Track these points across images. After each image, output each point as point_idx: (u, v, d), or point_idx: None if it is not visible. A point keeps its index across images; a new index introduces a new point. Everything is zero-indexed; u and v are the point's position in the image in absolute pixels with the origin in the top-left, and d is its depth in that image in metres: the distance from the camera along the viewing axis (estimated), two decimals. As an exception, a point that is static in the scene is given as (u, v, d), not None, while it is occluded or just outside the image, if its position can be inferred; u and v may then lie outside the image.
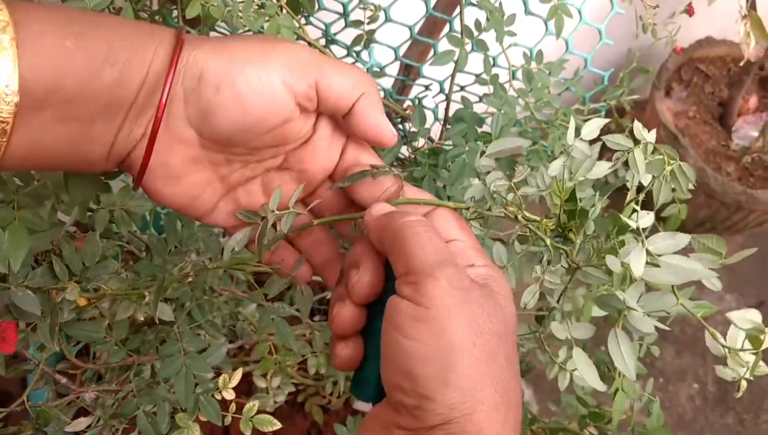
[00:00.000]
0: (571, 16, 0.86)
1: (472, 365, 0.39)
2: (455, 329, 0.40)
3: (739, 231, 2.06)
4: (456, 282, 0.41)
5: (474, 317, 0.41)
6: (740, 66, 1.89)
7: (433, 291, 0.41)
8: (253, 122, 0.45)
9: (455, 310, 0.40)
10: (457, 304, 0.41)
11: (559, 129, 0.86)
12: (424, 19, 0.96)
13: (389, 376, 0.41)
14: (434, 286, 0.41)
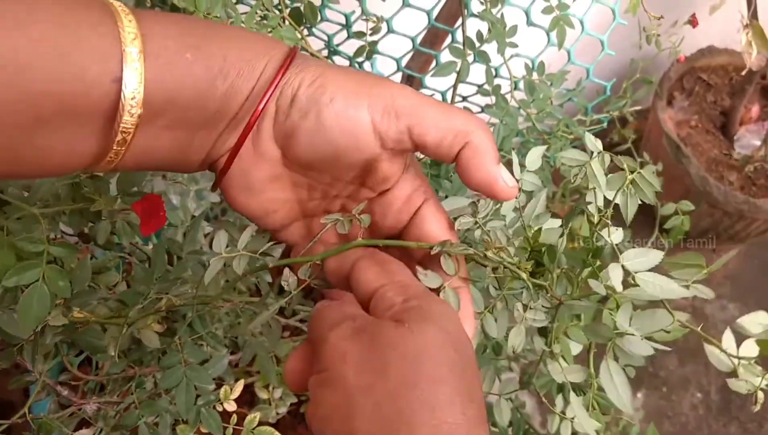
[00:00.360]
0: (573, 26, 0.86)
1: (373, 411, 0.35)
2: (348, 378, 0.37)
3: (742, 240, 2.05)
4: (346, 333, 0.39)
5: (369, 357, 0.37)
6: (742, 75, 1.89)
7: (325, 353, 0.39)
8: (333, 153, 0.44)
9: (347, 359, 0.38)
10: (349, 351, 0.38)
11: (561, 140, 0.86)
12: (426, 30, 0.96)
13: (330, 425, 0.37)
14: (325, 348, 0.39)
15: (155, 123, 0.40)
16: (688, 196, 1.86)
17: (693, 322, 0.49)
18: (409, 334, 0.38)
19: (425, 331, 0.38)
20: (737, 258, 2.16)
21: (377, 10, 0.88)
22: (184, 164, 0.45)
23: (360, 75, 0.44)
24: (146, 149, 0.41)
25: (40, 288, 0.53)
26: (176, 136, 0.41)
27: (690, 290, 0.45)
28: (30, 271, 0.52)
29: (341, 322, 0.40)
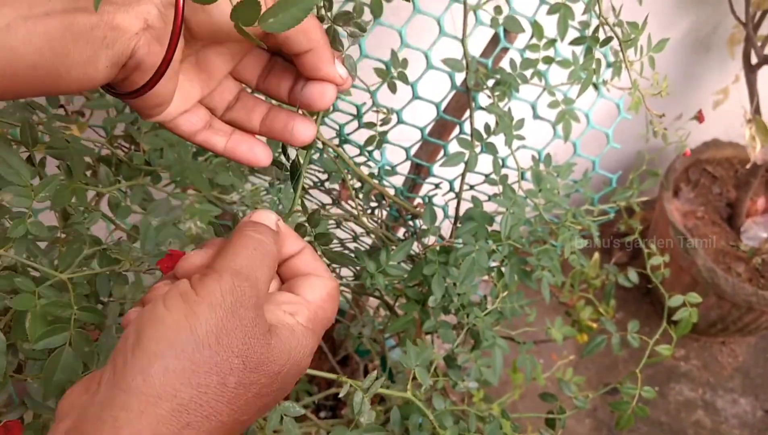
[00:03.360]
0: (579, 120, 0.88)
1: (194, 360, 0.38)
2: (203, 319, 0.39)
3: (752, 332, 2.03)
4: (240, 292, 0.41)
5: (228, 328, 0.39)
6: (747, 168, 1.92)
7: (211, 286, 0.40)
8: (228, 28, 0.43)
9: (215, 309, 0.39)
10: (223, 305, 0.39)
11: (569, 230, 0.86)
12: (434, 121, 0.99)
13: (131, 327, 0.40)
14: (217, 281, 0.40)
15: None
16: (696, 287, 1.85)
17: (705, 417, 0.49)
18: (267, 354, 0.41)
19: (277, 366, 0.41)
20: (748, 351, 2.13)
21: (388, 102, 0.90)
22: (67, 65, 0.39)
23: None
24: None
25: (66, 352, 0.53)
26: (40, 24, 0.37)
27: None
28: (58, 335, 0.53)
29: (243, 274, 0.42)
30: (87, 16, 0.38)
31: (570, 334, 1.02)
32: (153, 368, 0.37)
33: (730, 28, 1.86)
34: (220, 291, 0.40)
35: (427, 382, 0.75)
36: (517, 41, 0.92)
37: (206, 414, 0.38)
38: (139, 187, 0.72)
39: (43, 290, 0.55)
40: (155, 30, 0.41)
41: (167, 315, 0.39)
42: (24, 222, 0.54)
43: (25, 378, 0.60)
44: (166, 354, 0.37)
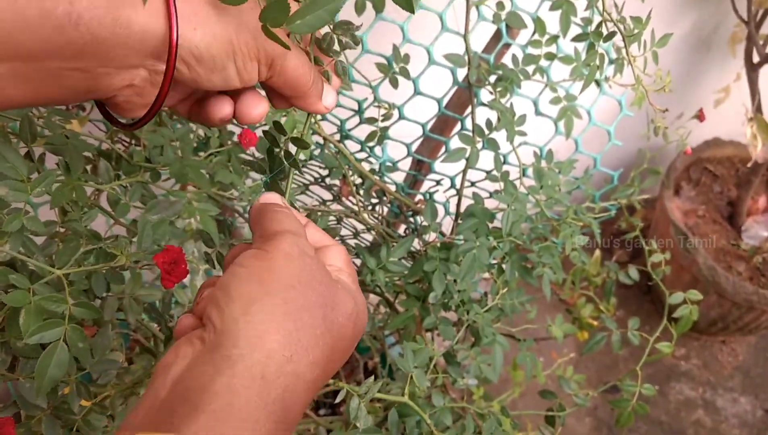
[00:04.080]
0: (581, 117, 0.88)
1: (286, 299, 0.42)
2: (283, 267, 0.43)
3: (752, 331, 2.03)
4: (300, 244, 0.45)
5: (305, 272, 0.44)
6: (748, 167, 1.92)
7: (276, 241, 0.44)
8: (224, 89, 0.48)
9: (290, 258, 0.44)
10: (294, 254, 0.44)
11: (570, 227, 0.86)
12: (436, 117, 0.98)
13: (212, 291, 0.43)
14: (280, 239, 0.45)
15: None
16: (696, 285, 1.85)
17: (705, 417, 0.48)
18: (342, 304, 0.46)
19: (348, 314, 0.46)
20: (748, 350, 2.13)
21: (389, 98, 0.90)
22: (51, 101, 0.43)
23: (245, 19, 0.45)
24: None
25: (60, 348, 0.53)
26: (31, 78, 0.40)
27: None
28: (52, 330, 0.53)
29: (295, 230, 0.47)
30: (77, 73, 0.41)
31: (570, 331, 1.02)
32: (252, 310, 0.40)
33: (731, 26, 1.85)
34: (287, 245, 0.44)
35: (425, 385, 0.74)
36: (519, 37, 0.92)
37: (305, 346, 0.41)
38: (139, 184, 0.72)
39: (38, 287, 0.55)
40: (139, 87, 0.44)
41: (249, 271, 0.43)
42: (20, 217, 0.54)
43: (17, 377, 0.60)
44: (260, 298, 0.41)
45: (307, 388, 0.41)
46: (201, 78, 0.45)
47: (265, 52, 0.46)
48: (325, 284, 0.45)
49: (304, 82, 0.50)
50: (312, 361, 0.41)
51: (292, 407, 0.40)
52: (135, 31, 0.40)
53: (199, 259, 0.92)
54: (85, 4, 0.38)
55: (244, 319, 0.40)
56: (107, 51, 0.40)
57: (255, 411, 0.38)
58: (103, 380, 0.65)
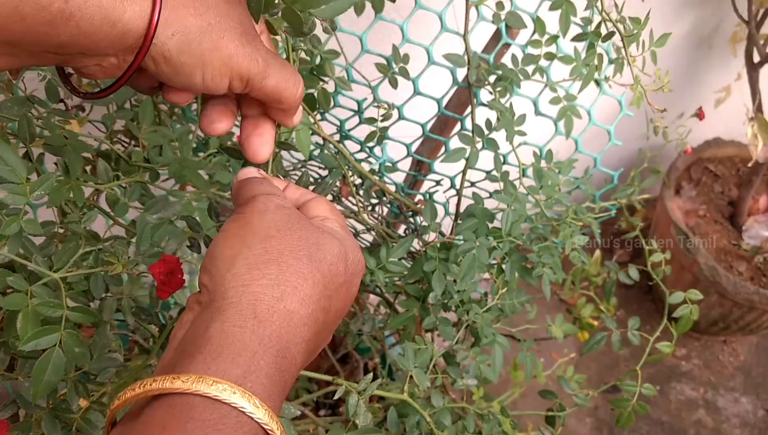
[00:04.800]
0: (581, 117, 0.88)
1: (266, 248, 0.44)
2: (258, 221, 0.45)
3: (753, 331, 2.03)
4: (275, 200, 0.48)
5: (282, 221, 0.46)
6: (749, 166, 1.91)
7: (251, 204, 0.47)
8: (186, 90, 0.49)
9: (264, 212, 0.46)
10: (268, 209, 0.46)
11: (570, 227, 0.86)
12: (436, 117, 0.98)
13: (203, 261, 0.46)
14: (253, 201, 0.47)
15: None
16: (697, 285, 1.85)
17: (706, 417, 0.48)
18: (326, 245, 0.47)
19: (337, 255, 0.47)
20: (749, 350, 2.12)
21: (389, 98, 0.90)
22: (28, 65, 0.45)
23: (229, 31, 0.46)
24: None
25: (56, 353, 0.53)
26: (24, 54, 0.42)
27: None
28: (48, 336, 0.53)
29: (269, 191, 0.49)
30: (56, 57, 0.43)
31: (571, 331, 1.02)
32: (235, 264, 0.43)
33: (732, 26, 1.85)
34: (261, 203, 0.47)
35: (425, 384, 0.74)
36: (519, 37, 0.92)
37: (293, 284, 0.43)
38: (138, 184, 0.72)
39: (36, 289, 0.55)
40: (106, 68, 0.46)
41: (228, 232, 0.45)
42: (18, 219, 0.54)
43: (16, 377, 0.60)
44: (241, 251, 0.43)
45: (303, 323, 0.43)
46: (164, 76, 0.46)
47: (240, 73, 0.47)
48: (304, 228, 0.46)
49: (289, 96, 0.51)
50: (303, 298, 0.43)
51: (290, 340, 0.42)
52: (118, 29, 0.42)
53: (199, 261, 0.92)
54: (80, 3, 0.39)
55: (230, 274, 0.43)
56: (89, 44, 0.42)
57: (251, 344, 0.39)
58: (103, 378, 0.65)
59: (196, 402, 0.36)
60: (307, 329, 0.43)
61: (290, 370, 0.42)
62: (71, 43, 0.41)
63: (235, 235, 0.45)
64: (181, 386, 0.36)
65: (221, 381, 0.37)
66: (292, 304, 0.42)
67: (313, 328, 0.43)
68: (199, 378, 0.37)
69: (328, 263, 0.46)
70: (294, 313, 0.42)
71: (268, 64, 0.49)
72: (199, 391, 0.36)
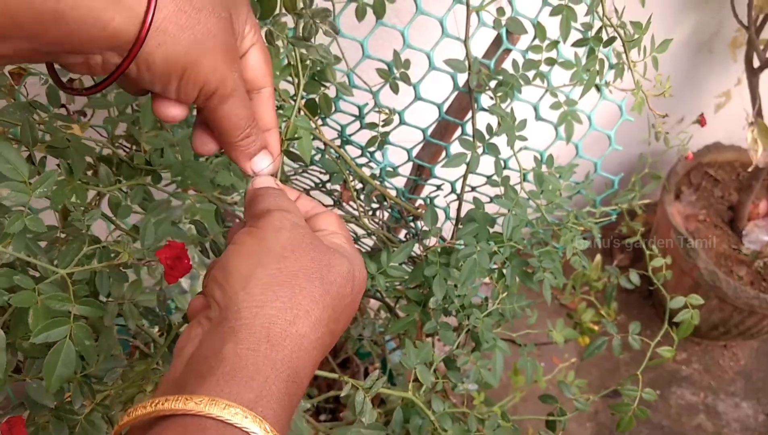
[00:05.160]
0: (581, 122, 0.88)
1: (281, 269, 0.44)
2: (273, 240, 0.45)
3: (753, 336, 2.02)
4: (290, 217, 0.48)
5: (296, 241, 0.46)
6: (749, 171, 1.91)
7: (266, 218, 0.47)
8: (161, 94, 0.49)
9: (280, 231, 0.46)
10: (284, 227, 0.46)
11: (571, 231, 0.86)
12: (436, 122, 0.98)
13: (212, 272, 0.46)
14: (269, 215, 0.47)
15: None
16: (698, 290, 1.85)
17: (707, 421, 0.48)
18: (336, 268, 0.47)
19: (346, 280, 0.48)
20: (750, 354, 2.12)
21: (390, 103, 0.90)
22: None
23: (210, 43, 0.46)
24: None
25: (67, 345, 0.53)
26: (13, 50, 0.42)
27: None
28: (58, 328, 0.53)
29: (285, 206, 0.49)
30: (45, 56, 0.44)
31: (571, 336, 1.02)
32: (250, 284, 0.43)
33: (732, 31, 1.85)
34: (277, 219, 0.47)
35: (429, 380, 0.74)
36: (519, 42, 0.92)
37: (305, 309, 0.43)
38: (140, 187, 0.72)
39: (42, 287, 0.55)
40: (91, 67, 0.46)
41: (243, 247, 0.46)
42: (22, 217, 0.54)
43: (24, 378, 0.60)
44: (255, 271, 0.44)
45: (313, 347, 0.43)
46: (144, 81, 0.46)
47: (209, 86, 0.47)
48: (317, 249, 0.46)
49: (232, 131, 0.51)
50: (314, 322, 0.43)
51: (301, 365, 0.42)
52: (108, 32, 0.42)
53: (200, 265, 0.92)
54: (71, 4, 0.40)
55: (244, 293, 0.43)
56: (78, 44, 0.42)
57: (263, 369, 0.40)
58: (109, 378, 0.66)
59: (209, 424, 0.37)
60: (316, 353, 0.44)
61: (298, 394, 0.42)
62: (60, 42, 0.42)
63: (249, 253, 0.45)
64: (194, 408, 0.37)
65: (234, 405, 0.37)
66: (304, 328, 0.43)
67: (321, 351, 0.44)
68: (212, 401, 0.37)
69: (337, 286, 0.46)
70: (305, 338, 0.42)
71: (234, 91, 0.49)
72: (212, 414, 0.37)
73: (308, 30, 0.53)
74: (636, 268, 1.11)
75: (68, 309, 0.54)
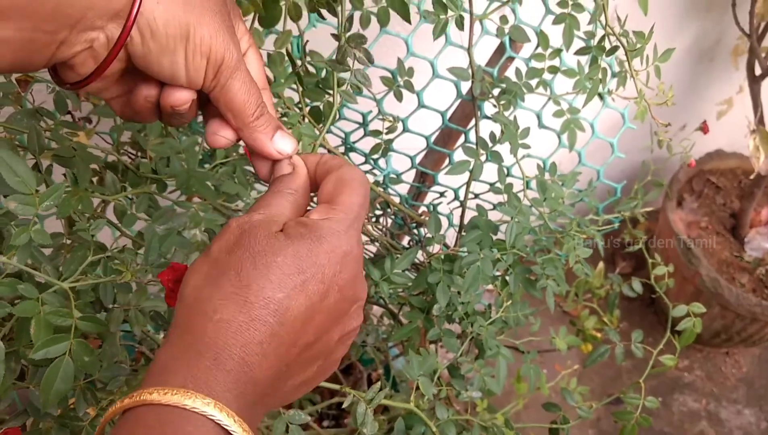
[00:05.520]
0: (584, 130, 0.88)
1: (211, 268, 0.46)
2: (215, 245, 0.47)
3: (756, 343, 2.02)
4: (243, 220, 0.48)
5: (235, 240, 0.47)
6: (751, 179, 1.92)
7: (222, 230, 0.48)
8: (169, 80, 0.49)
9: (223, 234, 0.47)
10: (228, 232, 0.47)
11: (574, 239, 0.86)
12: (440, 130, 0.99)
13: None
14: (225, 227, 0.48)
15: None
16: (700, 297, 1.85)
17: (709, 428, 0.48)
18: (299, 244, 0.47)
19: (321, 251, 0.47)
20: (752, 361, 2.12)
21: (393, 110, 0.91)
22: (24, 64, 0.46)
23: (208, 8, 0.48)
24: None
25: (65, 362, 0.53)
26: (17, 31, 0.42)
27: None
28: (58, 344, 0.54)
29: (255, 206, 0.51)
30: (46, 36, 0.43)
31: (574, 343, 1.02)
32: (186, 289, 0.46)
33: (734, 39, 1.86)
34: (227, 226, 0.48)
35: (431, 393, 0.74)
36: (522, 51, 0.92)
37: (227, 296, 0.44)
38: (145, 195, 0.72)
39: (46, 297, 0.55)
40: (95, 51, 0.46)
41: (194, 261, 0.48)
42: (28, 230, 0.54)
43: (27, 386, 0.60)
44: (190, 278, 0.46)
45: (245, 328, 0.44)
46: (151, 56, 0.46)
47: (216, 55, 0.48)
48: (256, 241, 0.47)
49: (246, 108, 0.51)
50: (240, 307, 0.44)
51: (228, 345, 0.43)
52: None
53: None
54: None
55: (180, 299, 0.46)
56: (76, 12, 0.43)
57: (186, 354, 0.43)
58: (113, 386, 0.66)
59: (144, 410, 0.41)
60: (251, 332, 0.44)
61: (245, 371, 0.43)
62: (60, 13, 0.42)
63: (197, 263, 0.47)
64: (129, 402, 0.41)
65: (164, 388, 0.41)
66: (227, 314, 0.44)
67: (263, 330, 0.44)
68: (146, 391, 0.41)
69: (278, 266, 0.46)
70: (229, 322, 0.44)
71: (240, 63, 0.50)
72: (146, 401, 0.40)
73: (343, 53, 0.54)
74: (639, 275, 1.11)
75: (69, 324, 0.55)
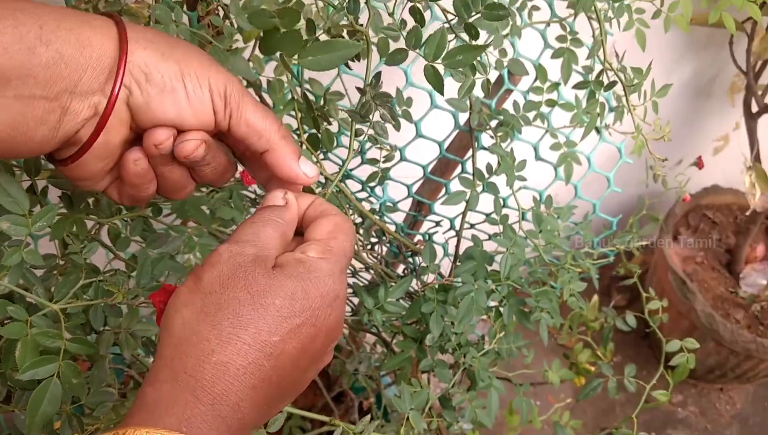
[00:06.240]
0: (580, 163, 0.88)
1: (205, 304, 0.45)
2: (204, 278, 0.45)
3: (750, 380, 2.01)
4: (235, 250, 0.47)
5: (230, 273, 0.45)
6: (747, 214, 1.92)
7: (211, 255, 0.47)
8: (178, 123, 0.48)
9: (214, 265, 0.46)
10: (221, 263, 0.46)
11: (569, 272, 0.86)
12: (437, 159, 0.99)
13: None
14: (215, 252, 0.47)
15: None
16: (694, 332, 1.84)
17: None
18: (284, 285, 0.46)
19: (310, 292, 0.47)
20: (746, 398, 2.11)
21: (391, 139, 0.91)
22: (24, 139, 0.44)
23: (198, 53, 0.48)
24: None
25: (53, 384, 0.53)
26: (9, 111, 0.42)
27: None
28: (46, 366, 0.53)
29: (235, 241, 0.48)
30: (46, 103, 0.43)
31: (567, 376, 1.01)
32: (175, 325, 0.44)
33: (731, 76, 1.88)
34: (218, 255, 0.46)
35: (421, 427, 0.74)
36: (521, 83, 0.93)
37: (226, 339, 0.43)
38: (140, 219, 0.72)
39: (36, 319, 0.55)
40: (99, 116, 0.46)
41: (179, 290, 0.46)
42: (19, 250, 0.54)
43: (12, 409, 0.60)
44: (181, 311, 0.45)
45: (242, 372, 0.43)
46: (152, 101, 0.46)
47: (217, 84, 0.48)
48: (251, 277, 0.45)
49: (272, 125, 0.51)
50: (239, 349, 0.43)
51: (225, 390, 0.42)
52: (95, 50, 0.44)
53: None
54: (53, 27, 0.42)
55: (166, 333, 0.45)
56: (72, 72, 0.43)
57: (182, 396, 0.41)
58: (99, 412, 0.65)
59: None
60: (249, 378, 0.43)
61: (237, 418, 0.42)
62: (56, 75, 0.42)
63: (178, 295, 0.46)
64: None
65: (156, 429, 0.39)
66: (225, 356, 0.42)
67: (258, 375, 0.43)
68: (134, 430, 0.39)
69: (276, 308, 0.45)
70: (228, 365, 0.42)
71: (245, 89, 0.49)
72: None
73: (367, 109, 0.54)
74: (633, 308, 1.10)
75: (58, 346, 0.54)
